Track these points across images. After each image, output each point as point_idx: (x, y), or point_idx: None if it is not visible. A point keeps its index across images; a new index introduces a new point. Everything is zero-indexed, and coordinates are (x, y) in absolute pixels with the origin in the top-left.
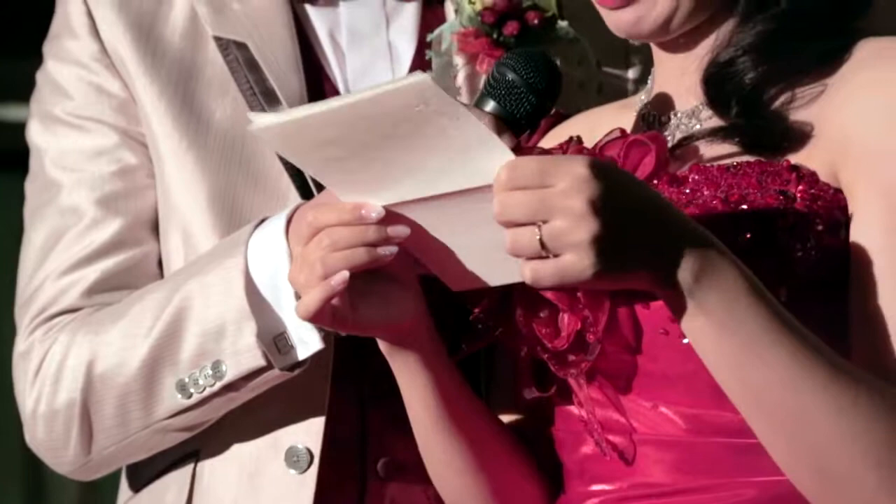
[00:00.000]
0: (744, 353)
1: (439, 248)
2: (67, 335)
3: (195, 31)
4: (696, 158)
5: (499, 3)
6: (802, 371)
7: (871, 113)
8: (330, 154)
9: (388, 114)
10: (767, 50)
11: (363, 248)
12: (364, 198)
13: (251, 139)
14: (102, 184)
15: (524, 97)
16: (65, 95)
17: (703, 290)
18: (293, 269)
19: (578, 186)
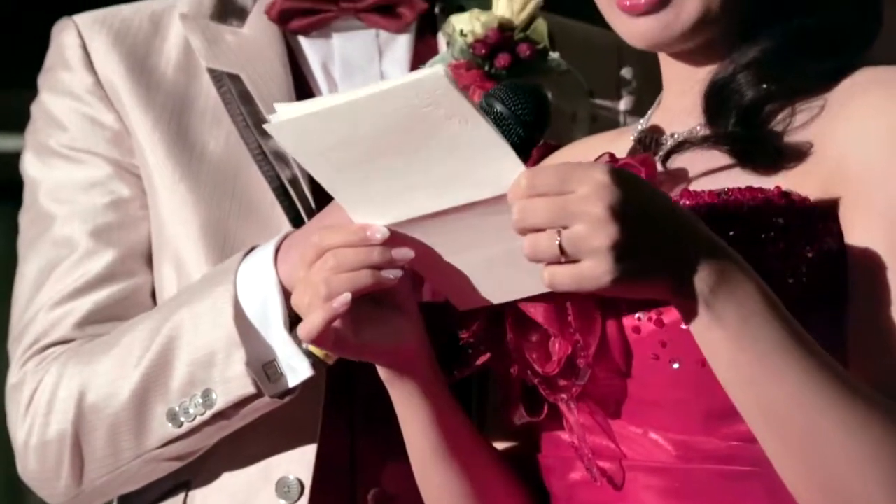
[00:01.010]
0: (758, 368)
1: (446, 267)
2: (59, 366)
3: (189, 63)
4: (686, 182)
5: (490, 36)
6: (817, 389)
7: (869, 137)
8: (341, 158)
9: (402, 111)
10: (770, 67)
11: (368, 271)
12: (371, 213)
13: (244, 170)
14: (95, 215)
15: (512, 129)
16: (59, 127)
17: (719, 301)
18: (297, 292)
19: (598, 192)
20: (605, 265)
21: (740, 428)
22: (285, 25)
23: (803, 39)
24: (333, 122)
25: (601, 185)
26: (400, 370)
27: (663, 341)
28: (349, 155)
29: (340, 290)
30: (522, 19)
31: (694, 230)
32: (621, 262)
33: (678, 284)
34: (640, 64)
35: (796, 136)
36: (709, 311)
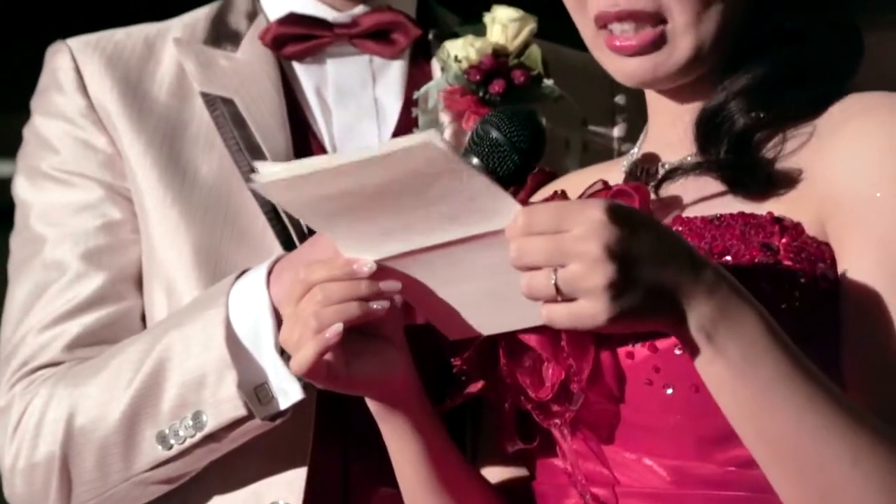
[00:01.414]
0: (760, 399)
1: (436, 298)
2: (48, 389)
3: (182, 86)
4: (679, 210)
5: (485, 62)
6: (819, 418)
7: (860, 164)
8: (331, 208)
9: (393, 172)
10: (761, 94)
11: (356, 303)
12: (364, 249)
13: (236, 194)
14: (86, 238)
15: (507, 156)
16: (51, 150)
17: (720, 334)
18: (285, 329)
19: (595, 231)
20: (602, 304)
21: (734, 453)
22: (279, 51)
23: (792, 68)
24: (321, 184)
25: (597, 224)
26: (389, 403)
27: (657, 366)
28: (338, 205)
29: (330, 322)
30: (517, 46)
31: (693, 264)
32: (618, 301)
33: (678, 321)
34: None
35: (787, 162)
36: (710, 345)
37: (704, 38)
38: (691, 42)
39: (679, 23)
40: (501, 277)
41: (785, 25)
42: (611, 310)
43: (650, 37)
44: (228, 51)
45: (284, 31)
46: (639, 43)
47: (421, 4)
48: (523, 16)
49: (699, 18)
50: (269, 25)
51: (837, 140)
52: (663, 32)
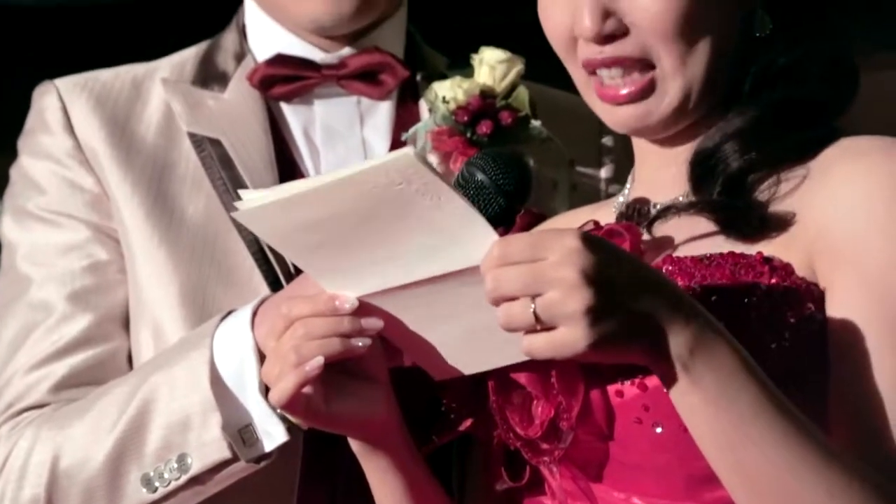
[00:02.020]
0: (736, 433)
1: (420, 337)
2: (33, 431)
3: (170, 127)
4: (670, 249)
5: (473, 103)
6: (795, 454)
7: (850, 207)
8: (312, 240)
9: (372, 193)
10: (755, 137)
11: (338, 338)
12: (345, 285)
13: (223, 235)
14: (73, 279)
15: (493, 198)
16: (38, 190)
17: (697, 365)
18: (267, 363)
19: (571, 258)
20: (581, 330)
21: (722, 493)
22: (267, 91)
23: (786, 109)
24: (302, 208)
25: (573, 251)
26: (371, 442)
27: (646, 405)
28: (319, 236)
29: (311, 356)
30: (504, 87)
31: (670, 293)
32: (597, 326)
33: (656, 348)
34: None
35: (780, 205)
36: (687, 375)
37: (693, 80)
38: (680, 85)
39: (667, 67)
40: (482, 314)
41: (778, 62)
42: (590, 336)
43: (639, 85)
44: (216, 91)
45: (272, 72)
46: (628, 92)
47: (409, 45)
48: (511, 57)
49: (686, 61)
50: (256, 66)
51: (829, 183)
52: (652, 79)
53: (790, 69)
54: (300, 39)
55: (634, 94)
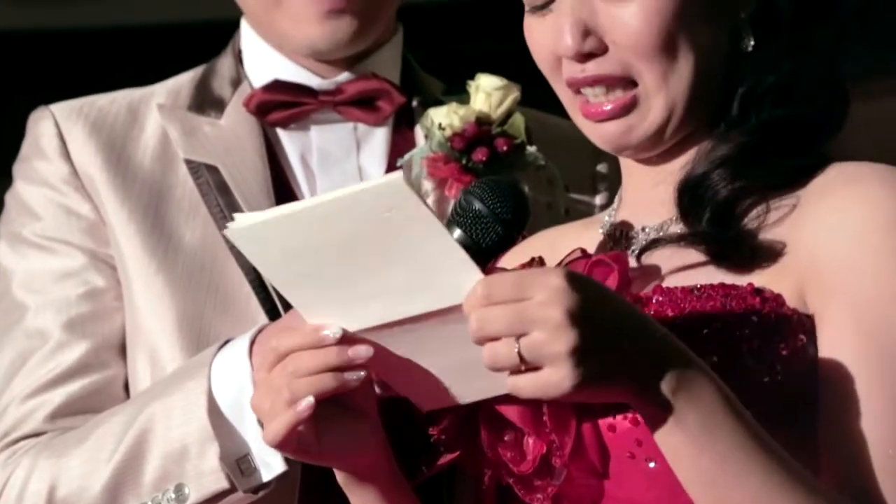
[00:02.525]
0: (718, 470)
1: (407, 370)
2: (30, 460)
3: (166, 153)
4: (659, 279)
5: (468, 130)
6: (777, 491)
7: (838, 235)
8: (299, 267)
9: (360, 217)
10: (744, 164)
11: (330, 374)
12: (330, 319)
13: (220, 262)
14: (69, 306)
15: (490, 227)
16: (33, 217)
17: (679, 404)
18: (256, 395)
19: (556, 297)
20: (566, 370)
21: None
22: (264, 117)
23: (775, 134)
24: (292, 228)
25: (558, 291)
26: (360, 475)
27: (639, 440)
28: (307, 261)
29: (303, 394)
30: (500, 114)
31: (652, 333)
32: (582, 366)
33: (640, 388)
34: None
35: (770, 234)
36: (670, 415)
37: (676, 97)
38: (663, 102)
39: (649, 84)
40: (469, 350)
41: (766, 81)
42: (575, 376)
43: (621, 101)
44: (213, 117)
45: (269, 98)
46: (611, 108)
47: (405, 71)
48: (507, 84)
49: (668, 78)
50: (253, 92)
51: (820, 211)
52: (635, 96)
53: (778, 87)
54: (297, 65)
55: (616, 110)
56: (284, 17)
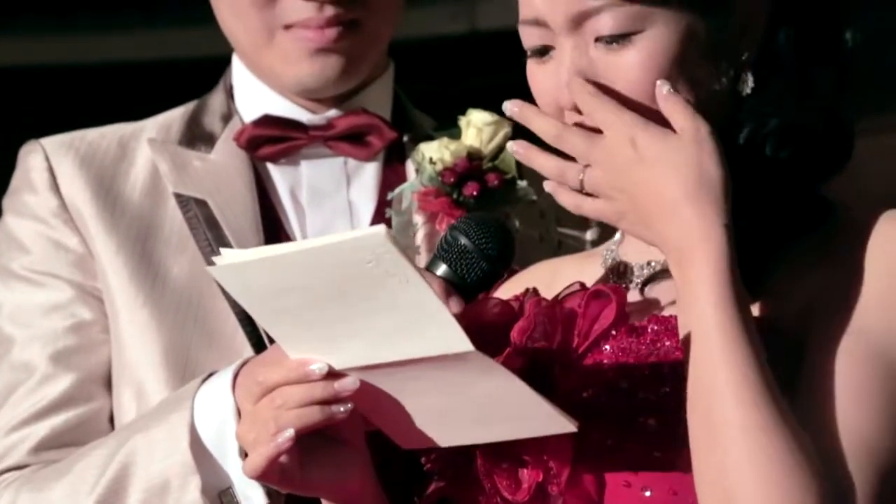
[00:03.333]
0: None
1: (387, 407)
2: (12, 493)
3: (156, 187)
4: (655, 309)
5: (459, 164)
6: (747, 386)
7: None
8: (283, 305)
9: (343, 266)
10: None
11: (316, 407)
12: (311, 356)
13: (208, 296)
14: (56, 339)
15: (475, 263)
16: (22, 250)
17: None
18: (242, 426)
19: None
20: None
21: None
22: (254, 152)
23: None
24: (275, 271)
25: None
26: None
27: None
28: (290, 302)
29: (290, 426)
30: (491, 149)
31: None
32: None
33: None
34: None
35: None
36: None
37: None
38: None
39: None
40: (450, 397)
41: (768, 124)
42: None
43: None
44: (203, 152)
45: (259, 132)
46: None
47: (395, 107)
48: (498, 119)
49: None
50: (244, 127)
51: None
52: None
53: (780, 130)
54: (287, 101)
55: None
56: (275, 55)
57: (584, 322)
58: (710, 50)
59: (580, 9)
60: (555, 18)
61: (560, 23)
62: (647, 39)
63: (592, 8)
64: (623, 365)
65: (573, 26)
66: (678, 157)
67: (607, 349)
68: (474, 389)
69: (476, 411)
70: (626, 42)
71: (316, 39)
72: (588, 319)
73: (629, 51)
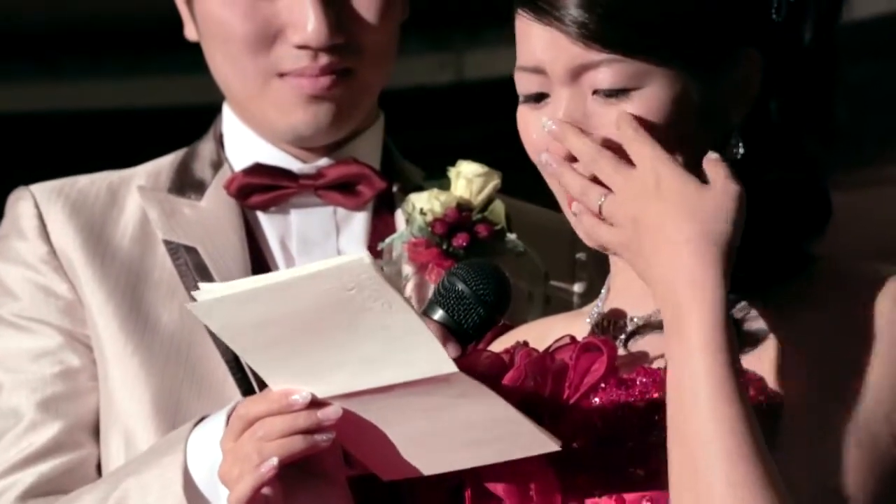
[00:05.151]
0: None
1: (370, 438)
2: None
3: (145, 234)
4: (643, 361)
5: (449, 215)
6: (735, 441)
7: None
8: (264, 338)
9: (325, 295)
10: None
11: (300, 436)
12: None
13: (197, 343)
14: (44, 386)
15: (473, 308)
16: (11, 296)
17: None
18: (225, 463)
19: None
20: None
21: None
22: (244, 201)
23: (761, 236)
24: (256, 303)
25: None
26: None
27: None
28: (271, 334)
29: (272, 457)
30: (480, 200)
31: None
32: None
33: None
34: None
35: (756, 324)
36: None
37: None
38: None
39: None
40: (433, 422)
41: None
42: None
43: None
44: (192, 199)
45: (250, 181)
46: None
47: (385, 157)
48: (488, 171)
49: None
50: (234, 175)
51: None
52: None
53: (765, 194)
54: (278, 149)
55: None
56: (268, 103)
57: (574, 374)
58: (703, 113)
59: (581, 62)
60: (554, 69)
61: (559, 73)
62: (643, 97)
63: (593, 62)
64: (612, 415)
65: (572, 78)
66: (696, 202)
67: (597, 401)
68: (458, 412)
69: (460, 435)
70: (624, 97)
71: (310, 87)
72: (579, 372)
73: (626, 105)
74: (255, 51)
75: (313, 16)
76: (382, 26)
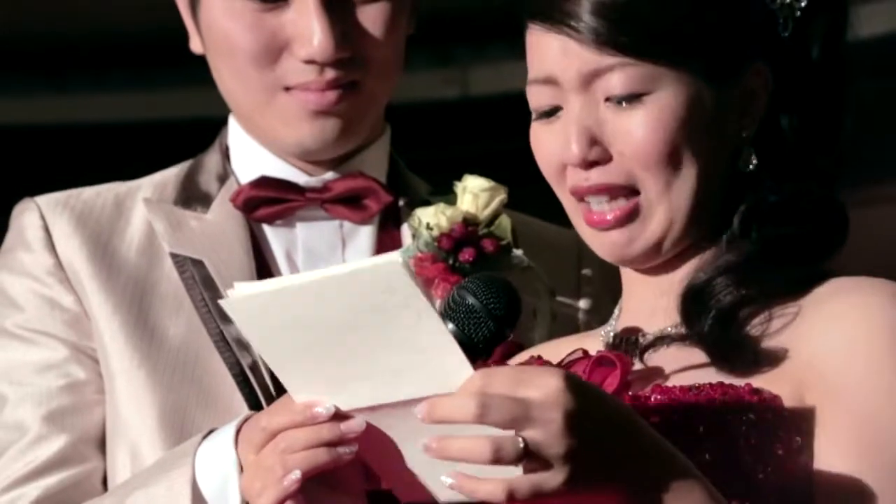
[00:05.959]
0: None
1: (390, 456)
2: None
3: (152, 247)
4: (659, 379)
5: (456, 230)
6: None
7: (835, 345)
8: (292, 342)
9: (358, 296)
10: (747, 272)
11: (323, 448)
12: (317, 398)
13: (204, 356)
14: (49, 399)
15: (483, 322)
16: (16, 308)
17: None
18: (246, 476)
19: (555, 399)
20: (563, 474)
21: None
22: (251, 213)
23: (778, 247)
24: (288, 303)
25: (557, 391)
26: None
27: None
28: (300, 337)
29: (295, 469)
30: (487, 215)
31: (645, 435)
32: (578, 469)
33: (631, 489)
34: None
35: (772, 340)
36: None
37: (677, 208)
38: (665, 212)
39: (651, 194)
40: None
41: (768, 200)
42: (572, 479)
43: (624, 210)
44: (199, 212)
45: (256, 194)
46: (613, 217)
47: (392, 171)
48: (494, 186)
49: (670, 188)
50: (240, 188)
51: (821, 319)
52: (637, 204)
53: (779, 207)
54: (284, 162)
55: (620, 217)
56: (275, 117)
57: None
58: (714, 121)
59: (593, 67)
60: (566, 76)
61: (572, 80)
62: (656, 101)
63: (605, 66)
64: None
65: (584, 85)
66: None
67: None
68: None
69: None
70: (636, 102)
71: (316, 101)
72: None
73: (638, 111)
74: (261, 64)
75: (319, 30)
76: (388, 39)
